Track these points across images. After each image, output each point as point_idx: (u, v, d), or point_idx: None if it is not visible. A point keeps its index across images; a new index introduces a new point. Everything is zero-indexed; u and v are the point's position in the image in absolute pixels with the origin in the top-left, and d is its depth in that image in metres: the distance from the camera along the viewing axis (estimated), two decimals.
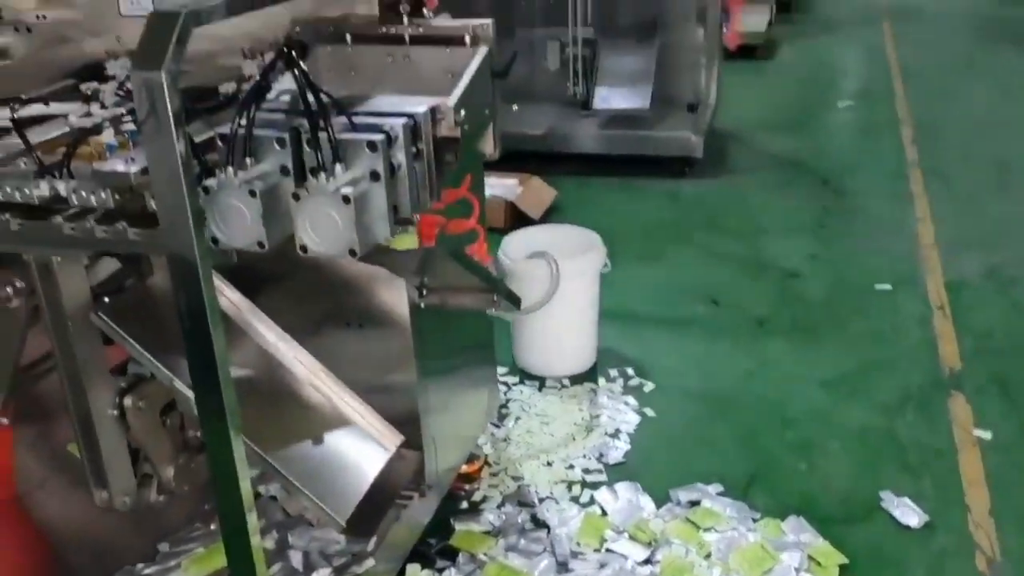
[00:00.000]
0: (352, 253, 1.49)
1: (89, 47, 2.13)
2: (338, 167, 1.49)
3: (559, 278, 2.99)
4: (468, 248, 2.36)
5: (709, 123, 5.24)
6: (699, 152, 5.00)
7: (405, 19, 1.90)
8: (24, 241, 1.66)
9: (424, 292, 2.20)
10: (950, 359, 3.24)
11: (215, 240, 1.53)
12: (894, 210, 4.55)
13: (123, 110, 1.88)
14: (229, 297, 2.11)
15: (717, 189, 4.96)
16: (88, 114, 1.89)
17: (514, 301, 2.28)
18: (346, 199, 1.45)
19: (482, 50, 1.81)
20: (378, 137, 1.49)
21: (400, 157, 1.54)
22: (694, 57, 4.99)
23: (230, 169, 1.49)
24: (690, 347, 3.42)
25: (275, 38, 2.00)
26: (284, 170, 1.53)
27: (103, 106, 1.93)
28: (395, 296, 2.20)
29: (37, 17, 2.18)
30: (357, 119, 1.55)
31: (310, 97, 1.52)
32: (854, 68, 7.59)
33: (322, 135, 1.48)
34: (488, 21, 1.86)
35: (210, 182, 1.49)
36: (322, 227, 1.48)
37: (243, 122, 1.51)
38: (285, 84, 1.67)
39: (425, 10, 1.94)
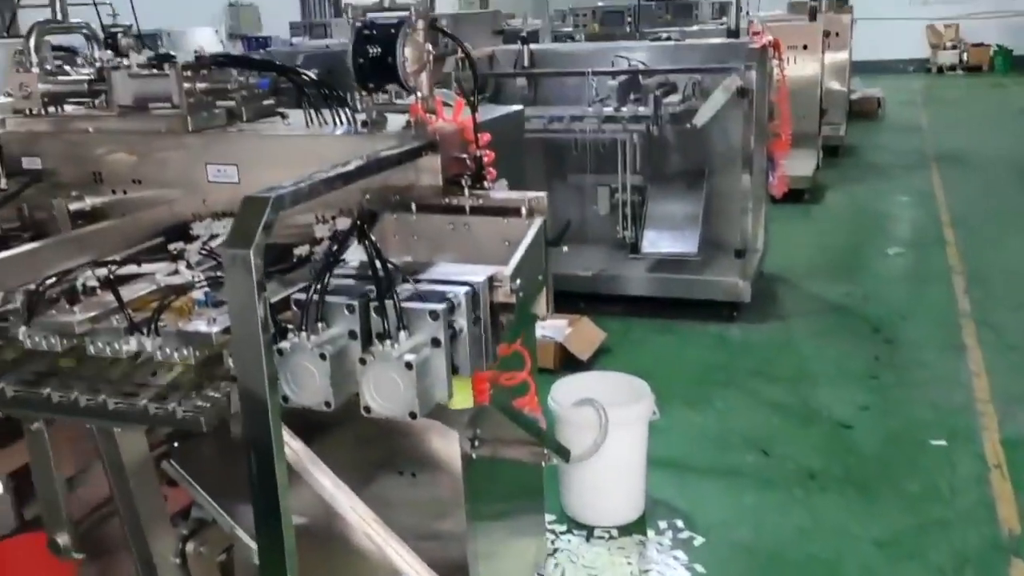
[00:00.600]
0: (412, 416, 1.58)
1: (177, 208, 2.32)
2: (402, 334, 1.59)
3: (608, 427, 3.02)
4: (519, 399, 2.44)
5: (757, 268, 5.33)
6: (747, 297, 5.07)
7: (466, 191, 2.05)
8: (91, 415, 1.77)
9: (476, 444, 2.27)
10: (1009, 521, 3.16)
11: (284, 398, 1.64)
12: (947, 362, 4.52)
13: (203, 271, 2.06)
14: (290, 444, 2.20)
15: (765, 334, 5.00)
16: (175, 272, 2.06)
17: (563, 454, 2.33)
18: (409, 365, 1.55)
19: (537, 221, 1.95)
20: (440, 307, 1.60)
21: (461, 323, 1.64)
22: (741, 203, 5.13)
23: (303, 334, 1.61)
24: (740, 499, 3.39)
25: (346, 203, 2.17)
26: (352, 334, 1.65)
27: (188, 265, 2.11)
28: (447, 446, 2.26)
29: (133, 181, 2.40)
30: (421, 286, 1.68)
31: (378, 267, 1.65)
32: (903, 214, 7.68)
33: (388, 303, 1.60)
34: (543, 194, 2.00)
35: (284, 344, 1.61)
36: (385, 390, 1.58)
37: (317, 289, 1.64)
38: (355, 251, 1.82)
39: (485, 182, 2.09)
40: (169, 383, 1.77)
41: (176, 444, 2.05)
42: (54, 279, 1.96)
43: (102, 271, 2.01)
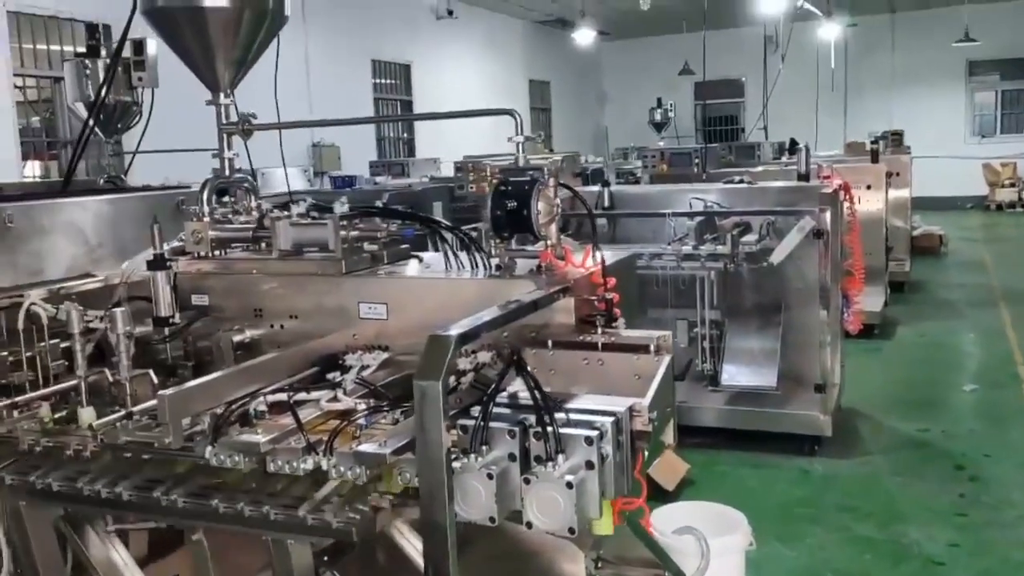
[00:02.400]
0: (571, 531, 1.77)
1: (329, 340, 2.60)
2: (560, 457, 1.80)
3: (709, 556, 3.13)
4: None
5: (836, 402, 5.43)
6: (828, 431, 5.16)
7: (599, 329, 2.29)
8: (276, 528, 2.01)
9: (599, 565, 2.42)
10: None
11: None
12: None
13: (358, 397, 2.31)
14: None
15: (849, 469, 5.05)
16: (335, 399, 2.32)
17: None
18: (569, 485, 1.75)
19: (666, 358, 2.17)
20: (593, 433, 1.81)
21: (608, 449, 1.85)
22: (819, 338, 5.29)
23: (472, 456, 1.83)
24: None
25: (486, 339, 2.42)
26: (511, 456, 1.86)
27: (345, 392, 2.36)
28: (574, 567, 2.41)
29: (290, 317, 2.70)
30: (571, 415, 1.89)
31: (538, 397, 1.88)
32: (974, 351, 7.72)
33: (548, 429, 1.82)
34: (668, 333, 2.23)
35: (456, 464, 1.83)
36: (547, 508, 1.77)
37: (483, 416, 1.87)
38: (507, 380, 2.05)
39: (615, 322, 2.33)
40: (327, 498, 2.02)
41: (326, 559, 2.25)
42: (232, 405, 2.23)
43: (273, 397, 2.28)
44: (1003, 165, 19.52)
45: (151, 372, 2.54)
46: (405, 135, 16.22)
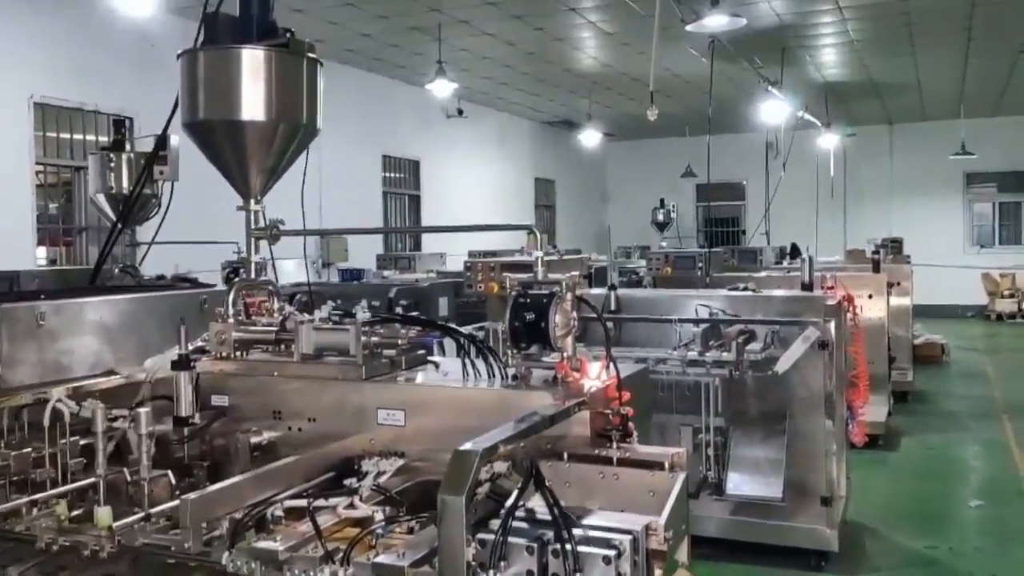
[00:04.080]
0: None
1: (347, 445, 2.64)
2: (578, 575, 1.83)
3: None
4: None
5: (842, 515, 5.39)
6: (835, 546, 5.11)
7: (615, 444, 2.34)
8: None
9: None
10: None
11: None
12: None
13: (373, 504, 2.34)
14: None
15: None
16: (351, 505, 2.34)
17: None
18: None
19: (681, 476, 2.21)
20: (612, 552, 1.84)
21: (625, 568, 1.87)
22: (823, 448, 5.29)
23: (491, 572, 1.85)
24: None
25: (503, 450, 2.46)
26: (530, 574, 1.88)
27: (361, 499, 2.39)
28: None
29: (309, 420, 2.75)
30: (589, 532, 1.92)
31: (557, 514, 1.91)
32: (979, 465, 7.69)
33: (567, 547, 1.85)
34: (683, 450, 2.28)
35: None
36: None
37: (501, 531, 1.90)
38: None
39: (630, 437, 2.38)
40: None
41: None
42: (251, 510, 2.26)
43: (290, 503, 2.31)
44: (1002, 276, 19.75)
45: (170, 473, 2.58)
46: (412, 215, 16.49)
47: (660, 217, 20.83)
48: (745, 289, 6.54)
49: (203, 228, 6.80)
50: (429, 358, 2.96)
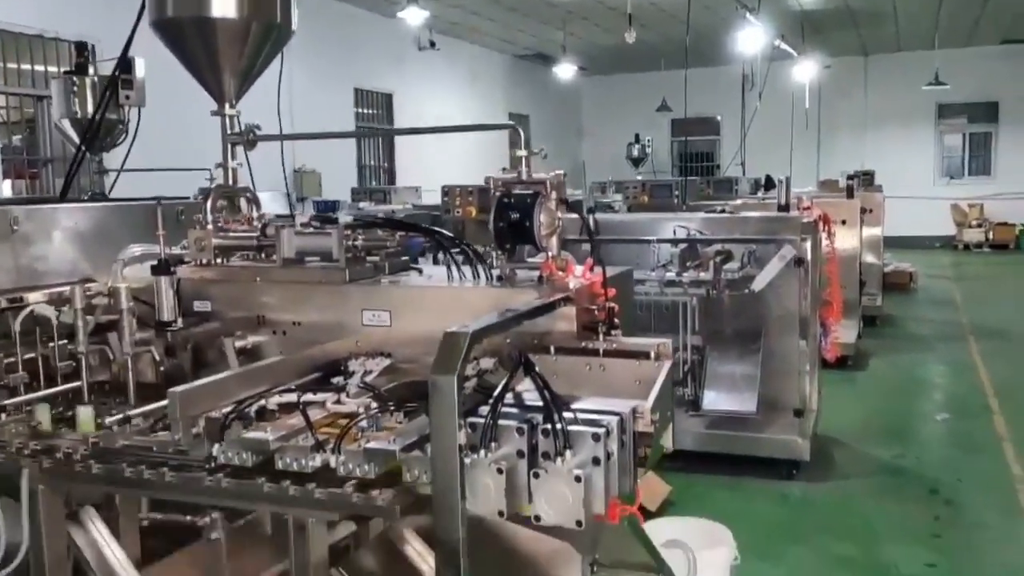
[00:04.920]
0: (578, 524, 1.82)
1: (333, 347, 2.64)
2: (568, 453, 1.86)
3: (696, 569, 3.19)
4: None
5: (813, 428, 5.52)
6: (806, 455, 5.25)
7: (601, 336, 2.36)
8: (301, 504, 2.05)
9: (595, 569, 2.47)
10: None
11: None
12: (1009, 524, 4.63)
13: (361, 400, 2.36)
14: (427, 561, 2.42)
15: (826, 492, 5.14)
16: (339, 402, 2.36)
17: None
18: (578, 479, 1.81)
19: (666, 364, 2.24)
20: (600, 430, 1.88)
21: (613, 446, 1.91)
22: (798, 365, 5.40)
23: (482, 452, 1.88)
24: None
25: (488, 347, 2.48)
26: (520, 453, 1.91)
27: (348, 395, 2.40)
28: (570, 571, 2.45)
29: (293, 323, 2.74)
30: (578, 415, 1.95)
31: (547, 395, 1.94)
32: (945, 383, 7.89)
33: (557, 426, 1.87)
34: (668, 340, 2.31)
35: (466, 460, 1.88)
36: (556, 502, 1.83)
37: (492, 414, 1.92)
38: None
39: (615, 331, 2.41)
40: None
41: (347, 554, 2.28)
42: (239, 405, 2.26)
43: (277, 399, 2.32)
44: (970, 206, 20.01)
45: (153, 350, 2.58)
46: (385, 164, 16.33)
47: (635, 152, 20.77)
48: (722, 211, 6.58)
49: (174, 157, 6.68)
50: (414, 266, 2.95)
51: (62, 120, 5.71)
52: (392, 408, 2.25)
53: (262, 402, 2.28)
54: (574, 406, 2.04)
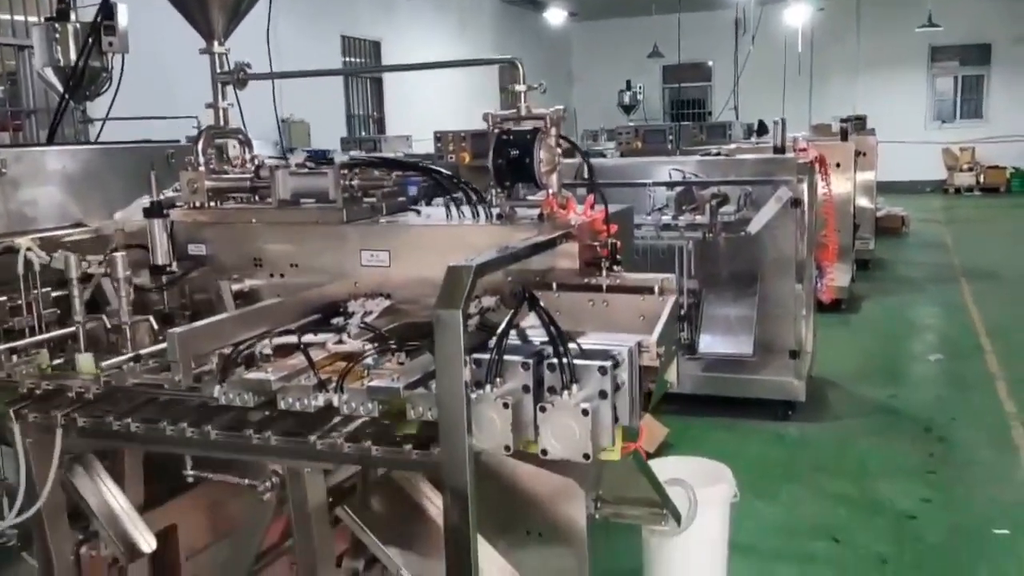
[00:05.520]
0: (585, 457, 1.81)
1: (332, 289, 2.61)
2: (574, 387, 1.84)
3: (696, 505, 3.20)
4: None
5: (809, 370, 5.55)
6: (802, 396, 5.28)
7: (604, 272, 2.34)
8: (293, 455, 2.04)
9: (598, 504, 2.48)
10: None
11: None
12: (1002, 460, 4.69)
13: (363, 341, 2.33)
14: (434, 502, 2.41)
15: (821, 432, 5.18)
16: (340, 342, 2.34)
17: (677, 518, 2.53)
18: (585, 412, 1.80)
19: (671, 299, 2.22)
20: (607, 363, 1.86)
21: (620, 379, 1.89)
22: (794, 307, 5.40)
23: (488, 387, 1.86)
24: None
25: (489, 284, 2.45)
26: (525, 388, 1.90)
27: (349, 336, 2.38)
28: (574, 508, 2.46)
29: (290, 265, 2.71)
30: (583, 349, 1.93)
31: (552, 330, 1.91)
32: (938, 324, 7.93)
33: (563, 360, 1.85)
34: (672, 276, 2.28)
35: (472, 395, 1.86)
36: (562, 435, 1.82)
37: (497, 349, 1.90)
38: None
39: (618, 267, 2.38)
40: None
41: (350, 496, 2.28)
42: (239, 346, 2.23)
43: (278, 340, 2.29)
44: (962, 150, 19.95)
45: (151, 319, 2.54)
46: (375, 113, 16.13)
47: (626, 99, 20.54)
48: (718, 154, 6.52)
49: (160, 105, 6.56)
50: (412, 206, 2.91)
51: (45, 69, 5.58)
52: (394, 348, 2.22)
53: (263, 343, 2.27)
54: (579, 340, 2.03)
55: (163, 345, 2.18)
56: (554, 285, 2.35)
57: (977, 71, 20.95)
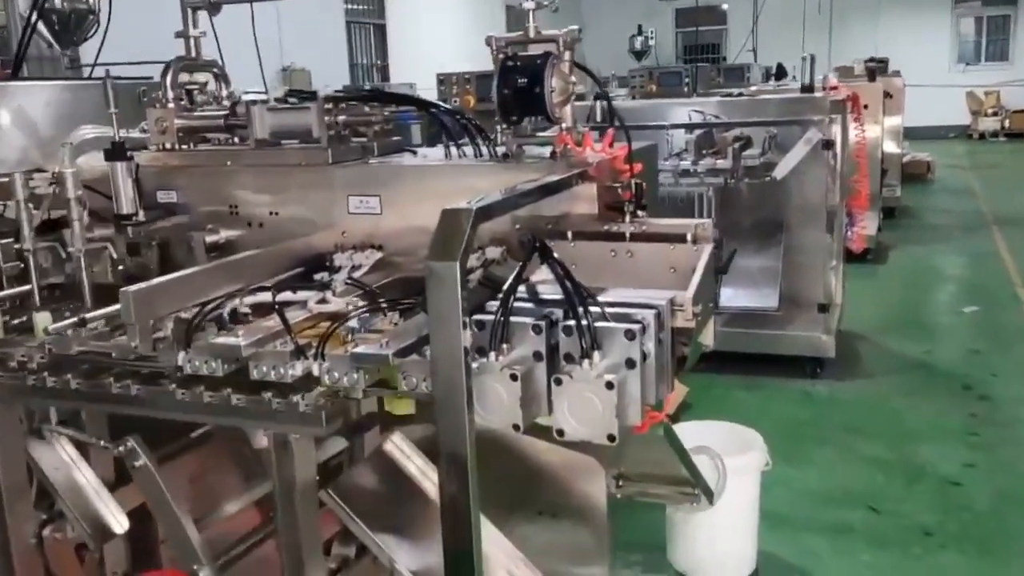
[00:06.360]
0: (611, 439, 1.51)
1: (316, 240, 2.30)
2: (596, 354, 1.54)
3: (725, 477, 2.92)
4: None
5: (837, 324, 5.23)
6: (831, 352, 4.97)
7: (627, 217, 2.01)
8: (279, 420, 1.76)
9: (620, 483, 2.19)
10: None
11: None
12: None
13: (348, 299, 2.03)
14: (431, 477, 2.13)
15: (852, 391, 4.88)
16: (324, 300, 2.03)
17: (708, 495, 2.24)
18: (610, 385, 1.49)
19: (707, 248, 1.90)
20: (636, 327, 1.55)
21: (650, 345, 1.59)
22: (824, 258, 5.06)
23: (492, 354, 1.55)
24: (856, 556, 3.25)
25: (494, 232, 2.13)
26: (537, 356, 1.59)
27: (335, 293, 2.07)
28: (592, 487, 2.18)
29: (270, 213, 2.39)
30: (605, 309, 1.62)
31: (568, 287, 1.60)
32: (971, 274, 7.56)
33: (583, 323, 1.55)
34: (708, 221, 1.96)
35: (473, 365, 1.56)
36: (582, 412, 1.52)
37: (502, 310, 1.59)
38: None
39: (641, 212, 2.06)
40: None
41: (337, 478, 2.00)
42: (205, 306, 1.93)
43: (251, 298, 1.99)
44: (986, 94, 19.30)
45: (110, 246, 2.25)
46: (379, 61, 15.65)
47: (637, 45, 19.90)
48: (739, 95, 6.13)
49: (152, 50, 6.20)
50: (407, 147, 2.59)
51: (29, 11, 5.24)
52: (384, 307, 1.92)
53: (234, 303, 1.96)
54: (600, 298, 1.72)
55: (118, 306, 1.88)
56: (569, 233, 2.03)
57: (1003, 11, 20.19)
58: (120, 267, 2.33)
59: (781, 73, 12.10)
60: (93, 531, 2.25)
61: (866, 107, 7.89)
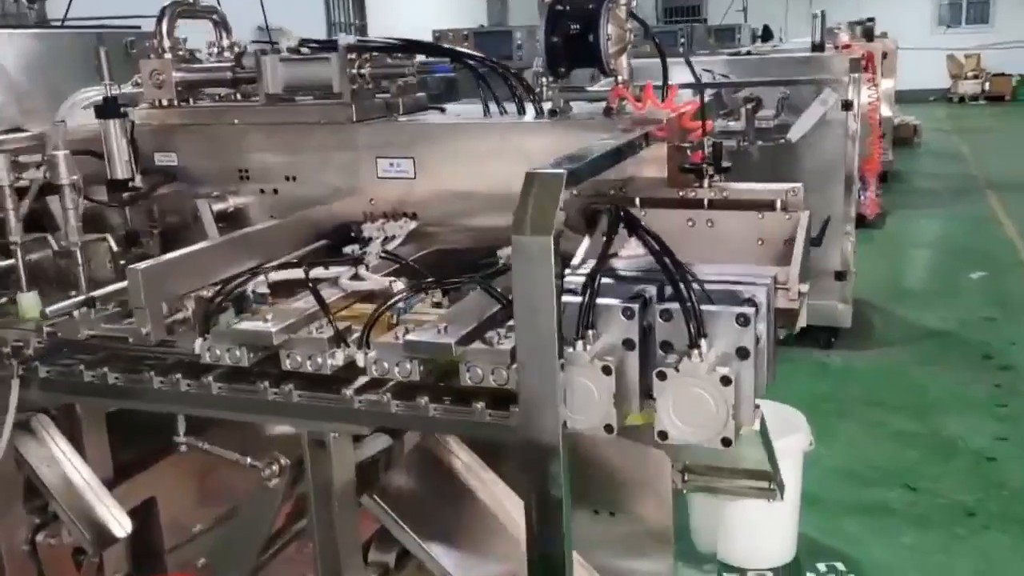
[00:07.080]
0: (725, 443, 1.30)
1: (341, 208, 2.04)
2: (702, 342, 1.31)
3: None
4: None
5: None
6: (847, 322, 4.80)
7: (707, 182, 1.78)
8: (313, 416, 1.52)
9: (686, 477, 1.98)
10: None
11: None
12: None
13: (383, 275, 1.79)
14: (481, 476, 1.91)
15: (870, 362, 4.72)
16: (357, 276, 1.79)
17: (782, 488, 2.04)
18: (726, 380, 1.27)
19: (804, 216, 1.68)
20: (749, 310, 1.32)
21: (761, 329, 1.37)
22: (840, 224, 4.87)
23: (579, 344, 1.32)
24: (897, 538, 3.09)
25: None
26: (628, 344, 1.36)
27: (367, 268, 1.83)
28: (657, 480, 1.96)
29: (286, 178, 2.13)
30: (706, 288, 1.40)
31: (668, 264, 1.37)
32: (972, 239, 7.42)
33: (687, 306, 1.32)
34: (799, 185, 1.74)
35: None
36: (690, 412, 1.30)
37: (589, 291, 1.36)
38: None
39: (719, 175, 1.83)
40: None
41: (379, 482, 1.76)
42: (224, 285, 1.68)
43: (277, 275, 1.74)
44: (967, 57, 19.20)
45: (109, 238, 1.98)
46: (357, 21, 15.17)
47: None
48: (748, 53, 5.89)
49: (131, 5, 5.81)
50: (434, 105, 2.32)
51: None
52: (433, 285, 1.68)
53: (256, 280, 1.72)
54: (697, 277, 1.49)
55: (124, 284, 1.63)
56: (638, 200, 1.80)
57: None
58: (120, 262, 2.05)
59: (767, 35, 11.86)
60: (92, 535, 2.01)
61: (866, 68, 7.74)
